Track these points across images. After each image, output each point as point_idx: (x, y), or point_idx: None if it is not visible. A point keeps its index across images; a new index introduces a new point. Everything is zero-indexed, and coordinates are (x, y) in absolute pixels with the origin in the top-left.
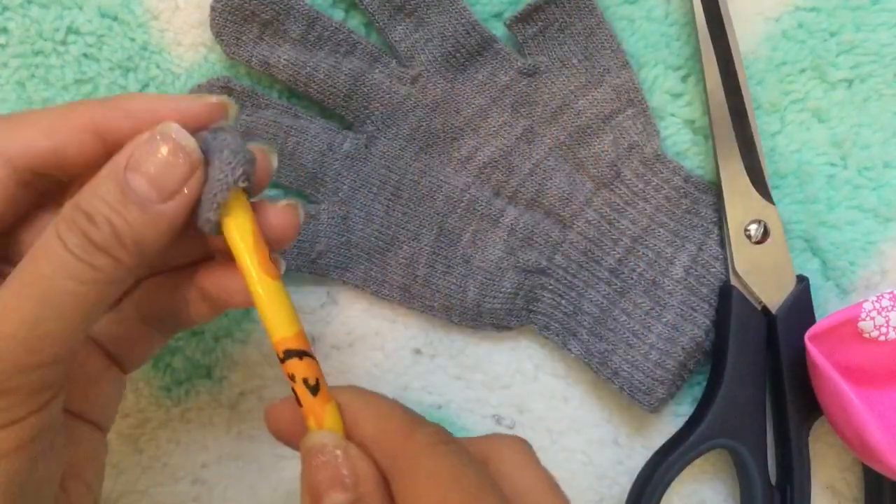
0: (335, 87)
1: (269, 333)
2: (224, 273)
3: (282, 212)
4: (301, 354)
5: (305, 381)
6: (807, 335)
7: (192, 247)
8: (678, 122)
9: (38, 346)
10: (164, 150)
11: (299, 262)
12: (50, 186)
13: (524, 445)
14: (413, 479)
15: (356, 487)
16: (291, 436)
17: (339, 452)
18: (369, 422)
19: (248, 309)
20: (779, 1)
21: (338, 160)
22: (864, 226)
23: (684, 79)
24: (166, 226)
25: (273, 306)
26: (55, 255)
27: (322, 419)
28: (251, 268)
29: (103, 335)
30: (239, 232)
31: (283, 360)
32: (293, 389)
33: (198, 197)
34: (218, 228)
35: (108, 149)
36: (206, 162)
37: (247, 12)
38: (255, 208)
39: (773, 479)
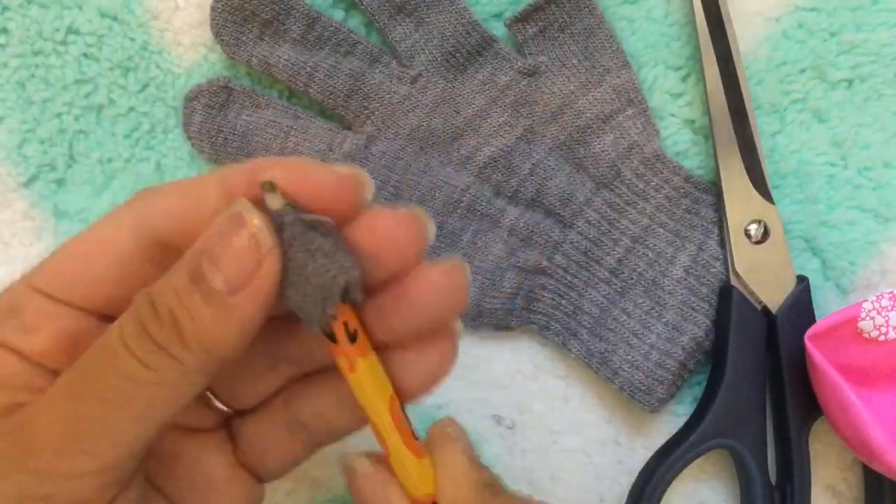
0: (335, 87)
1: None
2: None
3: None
4: None
5: None
6: (807, 335)
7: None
8: (678, 122)
9: (77, 450)
10: (235, 232)
11: None
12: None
13: None
14: None
15: None
16: None
17: None
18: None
19: None
20: (779, 1)
21: (338, 160)
22: (864, 226)
23: (684, 79)
24: (235, 322)
25: (405, 465)
26: (109, 347)
27: None
28: (384, 426)
29: (240, 438)
30: (365, 385)
31: None
32: None
33: (273, 292)
34: (325, 329)
35: None
36: (293, 251)
37: (247, 12)
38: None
39: (773, 479)
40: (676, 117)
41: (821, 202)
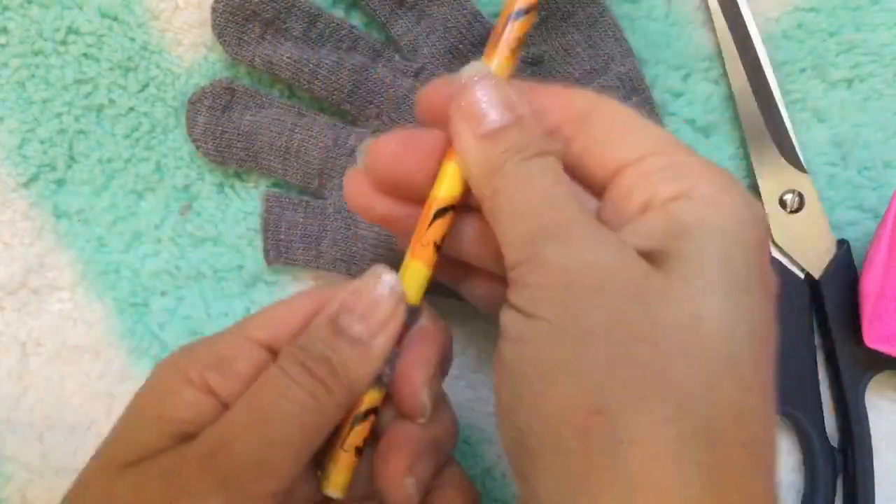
0: (339, 83)
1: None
2: None
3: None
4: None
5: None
6: None
7: None
8: (678, 121)
9: (267, 473)
10: (374, 289)
11: (307, 257)
12: None
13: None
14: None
15: (513, 109)
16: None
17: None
18: None
19: None
20: (778, 1)
21: (344, 155)
22: (864, 226)
23: (685, 78)
24: (375, 360)
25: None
26: (277, 382)
27: None
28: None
29: None
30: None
31: None
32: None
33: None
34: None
35: None
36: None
37: (248, 12)
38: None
39: (836, 444)
40: (677, 116)
41: (821, 202)
